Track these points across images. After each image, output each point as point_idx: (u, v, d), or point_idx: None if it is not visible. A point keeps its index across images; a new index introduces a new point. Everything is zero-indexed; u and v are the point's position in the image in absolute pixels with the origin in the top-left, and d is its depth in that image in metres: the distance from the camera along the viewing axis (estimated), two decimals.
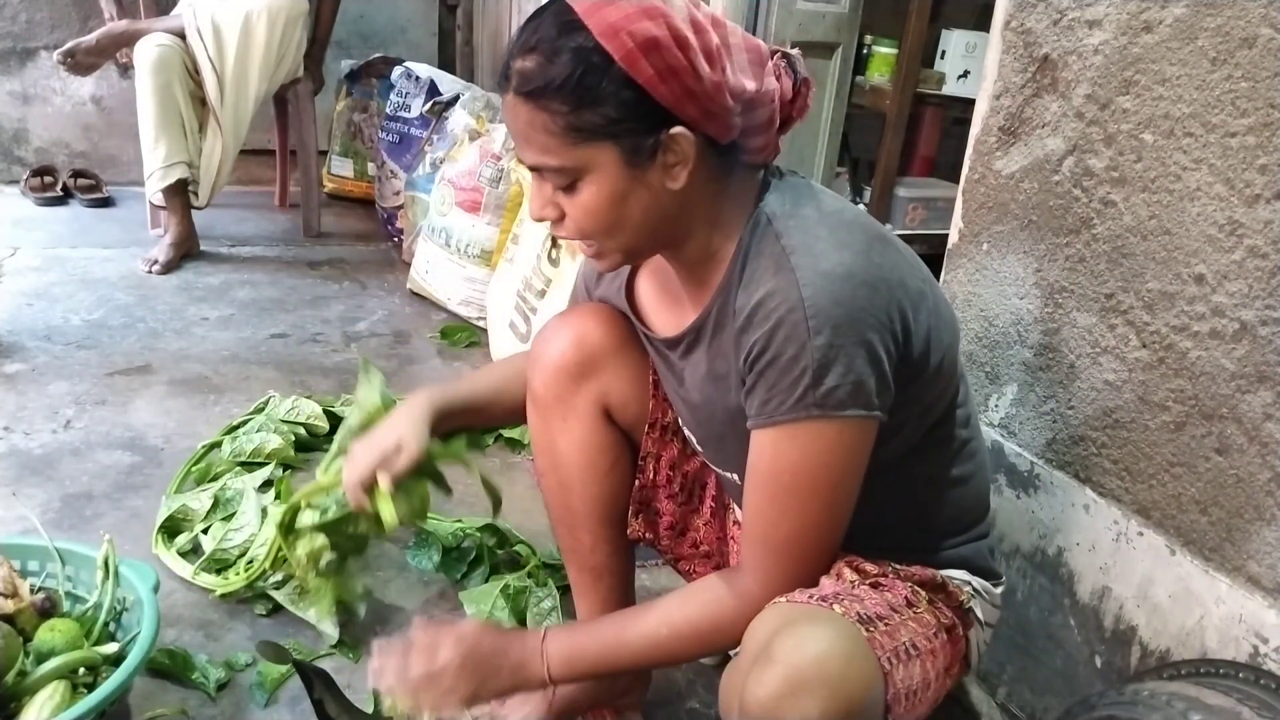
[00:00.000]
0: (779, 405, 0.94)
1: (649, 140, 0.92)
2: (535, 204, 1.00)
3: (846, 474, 0.97)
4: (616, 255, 1.03)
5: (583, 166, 0.94)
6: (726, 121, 0.94)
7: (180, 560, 1.60)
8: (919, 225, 3.21)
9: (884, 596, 1.00)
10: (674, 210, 0.98)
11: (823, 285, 0.91)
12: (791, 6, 2.56)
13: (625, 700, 1.36)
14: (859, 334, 0.90)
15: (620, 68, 0.89)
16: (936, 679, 1.00)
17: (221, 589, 1.53)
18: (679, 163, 0.94)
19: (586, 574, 1.28)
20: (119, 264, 3.05)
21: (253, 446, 1.90)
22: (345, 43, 4.18)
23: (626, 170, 0.93)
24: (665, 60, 0.89)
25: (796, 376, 0.92)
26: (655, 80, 0.89)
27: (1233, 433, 1.10)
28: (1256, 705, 0.92)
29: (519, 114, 0.94)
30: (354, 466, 1.21)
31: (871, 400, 0.93)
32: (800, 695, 0.85)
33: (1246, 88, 1.06)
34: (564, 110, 0.91)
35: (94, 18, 3.64)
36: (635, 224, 0.98)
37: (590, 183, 0.94)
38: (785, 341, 0.92)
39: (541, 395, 1.21)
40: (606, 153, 0.93)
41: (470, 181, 2.77)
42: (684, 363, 1.09)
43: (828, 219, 0.97)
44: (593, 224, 0.98)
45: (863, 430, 0.95)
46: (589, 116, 0.91)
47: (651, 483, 1.24)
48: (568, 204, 0.97)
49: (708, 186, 0.98)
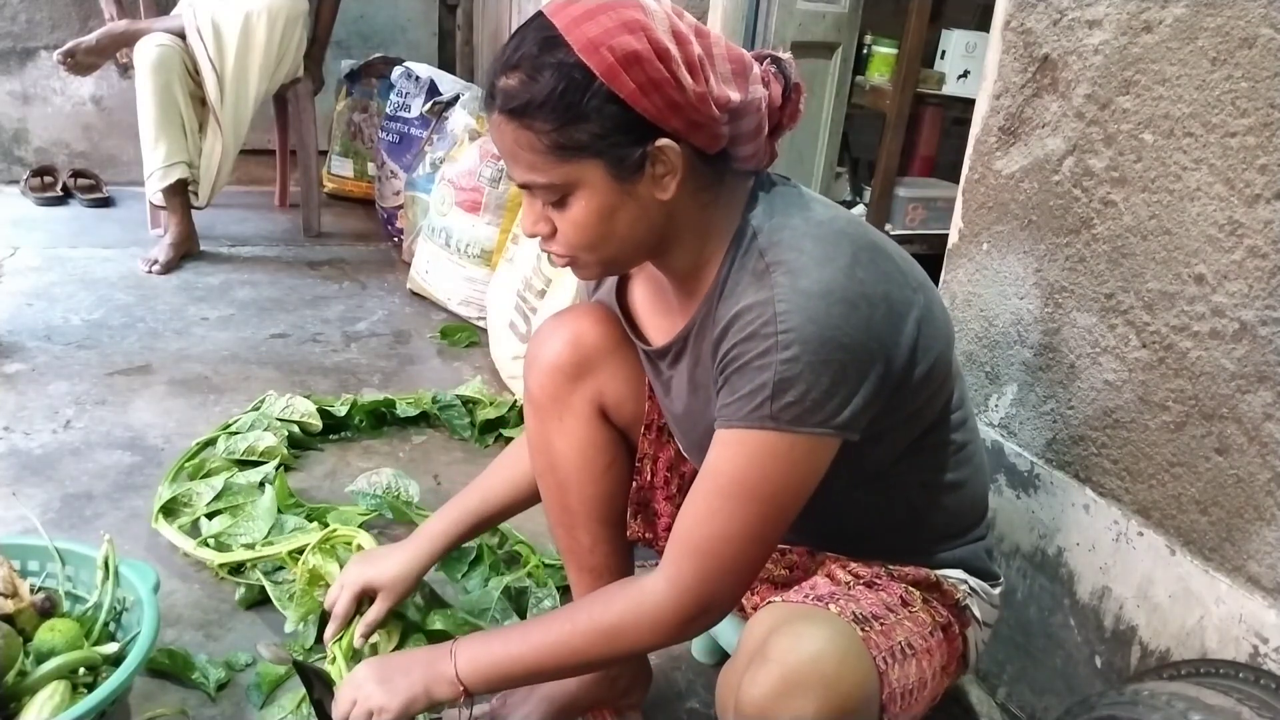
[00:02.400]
0: (735, 411, 0.94)
1: (636, 153, 0.92)
2: (527, 221, 1.00)
3: (786, 490, 0.95)
4: (596, 267, 1.03)
5: (571, 183, 0.93)
6: (713, 131, 0.94)
7: (181, 535, 1.64)
8: (919, 225, 3.21)
9: (879, 596, 1.00)
10: (661, 221, 0.98)
11: (798, 302, 0.90)
12: (791, 6, 2.55)
13: (625, 700, 1.36)
14: (828, 354, 0.90)
15: (602, 83, 0.89)
16: (933, 678, 1.00)
17: (220, 561, 1.57)
18: (667, 173, 0.94)
19: (586, 574, 1.27)
20: (119, 264, 3.06)
21: (247, 444, 1.90)
22: (345, 43, 4.18)
23: (615, 184, 0.93)
24: (647, 73, 0.89)
25: (757, 387, 0.91)
26: (638, 94, 0.89)
27: (1233, 433, 1.10)
28: (1256, 705, 0.92)
29: (505, 133, 0.94)
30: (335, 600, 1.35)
31: (830, 420, 0.91)
32: (795, 694, 0.85)
33: (1246, 88, 1.06)
34: (548, 128, 0.91)
35: (94, 18, 3.64)
36: (623, 237, 0.98)
37: (579, 198, 0.94)
38: (754, 353, 0.92)
39: (538, 395, 1.22)
40: (594, 168, 0.92)
41: (470, 181, 2.77)
42: (671, 371, 1.09)
43: (815, 230, 0.96)
44: (582, 238, 0.97)
45: (815, 448, 0.93)
46: (573, 133, 0.90)
47: (649, 483, 1.24)
48: (558, 219, 0.97)
49: (697, 196, 0.98)
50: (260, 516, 1.65)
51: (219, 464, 1.85)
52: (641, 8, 0.90)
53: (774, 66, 1.00)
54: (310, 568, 1.48)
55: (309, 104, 3.43)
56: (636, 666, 1.35)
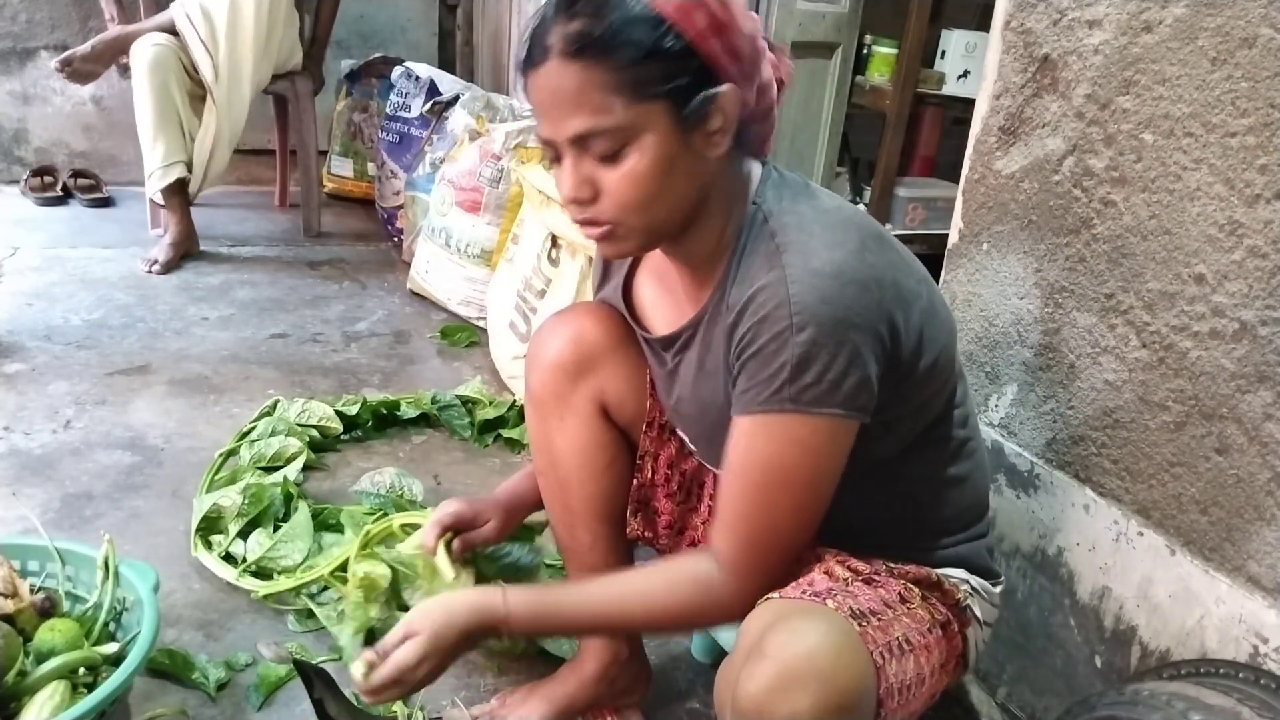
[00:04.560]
0: (755, 395, 0.94)
1: (699, 100, 0.92)
2: (570, 183, 0.96)
3: (818, 472, 0.97)
4: (639, 235, 0.99)
5: (638, 126, 0.91)
6: (759, 86, 0.96)
7: (221, 564, 1.60)
8: (919, 225, 3.21)
9: (877, 592, 1.00)
10: (707, 184, 0.98)
11: (811, 283, 0.91)
12: (791, 6, 2.56)
13: (625, 700, 1.36)
14: (843, 333, 0.90)
15: (670, 22, 0.89)
16: (931, 675, 1.00)
17: (265, 590, 1.54)
18: (721, 128, 0.94)
19: (586, 572, 1.27)
20: (119, 264, 3.05)
21: (272, 451, 1.89)
22: (345, 43, 4.18)
23: (677, 133, 0.92)
24: (713, 14, 0.90)
25: (776, 369, 0.92)
26: (706, 34, 0.90)
27: (1233, 433, 1.10)
28: (1256, 705, 0.92)
29: (566, 78, 0.91)
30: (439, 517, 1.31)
31: (850, 400, 0.92)
32: (792, 690, 0.85)
33: (1246, 88, 1.06)
34: (620, 65, 0.89)
35: (94, 17, 3.65)
36: (676, 195, 0.96)
37: (639, 148, 0.92)
38: (769, 335, 0.92)
39: (539, 393, 1.22)
40: (660, 113, 0.91)
41: (470, 181, 2.77)
42: (678, 359, 1.10)
43: (823, 217, 0.97)
44: (637, 194, 0.94)
45: (837, 430, 0.95)
46: (645, 71, 0.89)
47: (650, 481, 1.24)
48: (609, 177, 0.94)
49: (731, 164, 1.00)
50: (299, 536, 1.61)
51: (246, 472, 1.83)
52: None
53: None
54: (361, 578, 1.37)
55: (309, 104, 3.43)
56: (636, 666, 1.35)
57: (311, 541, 1.61)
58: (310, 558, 1.59)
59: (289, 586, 1.54)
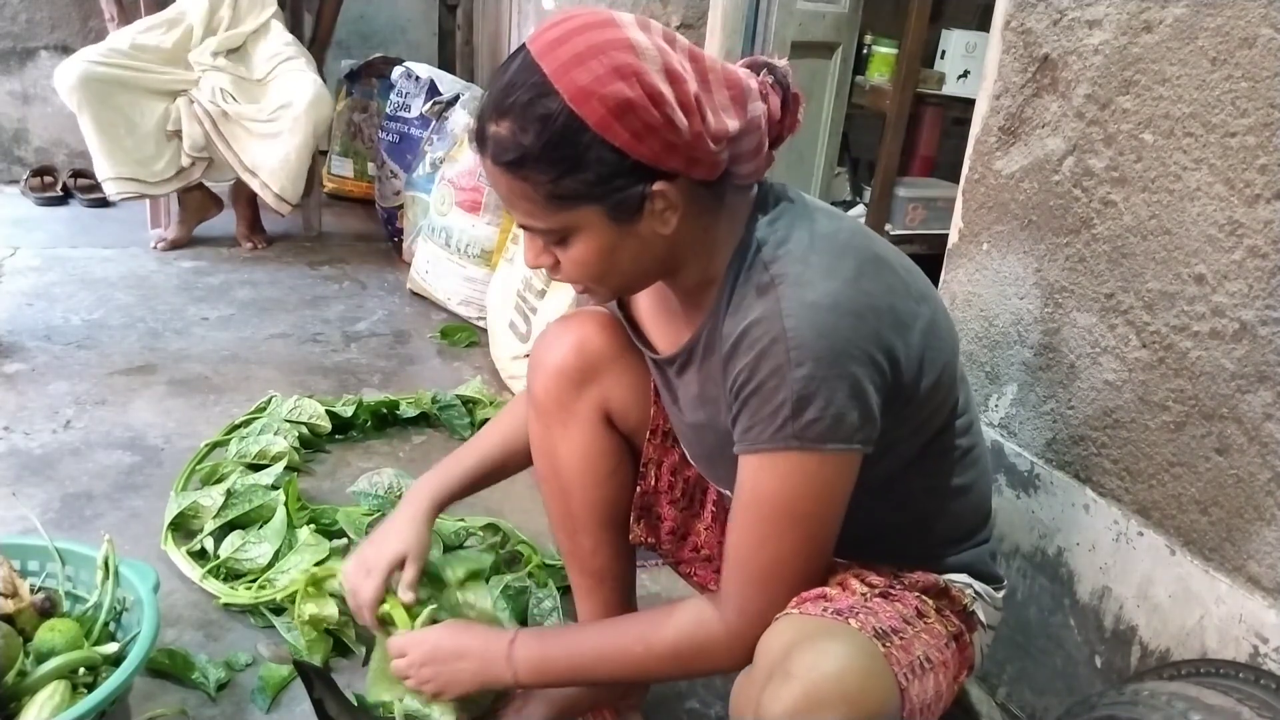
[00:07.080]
0: (759, 434, 0.93)
1: (635, 195, 0.91)
2: (529, 255, 1.00)
3: (825, 506, 0.96)
4: (607, 294, 1.03)
5: (570, 228, 0.93)
6: (712, 163, 0.93)
7: (189, 561, 1.60)
8: (919, 225, 3.20)
9: (896, 608, 0.99)
10: (665, 251, 0.98)
11: (807, 316, 0.90)
12: (791, 6, 2.55)
13: (625, 701, 1.35)
14: (842, 366, 0.89)
15: (594, 134, 0.87)
16: (946, 689, 1.00)
17: (227, 598, 1.53)
18: (668, 208, 0.93)
19: (588, 578, 1.27)
20: (119, 264, 3.06)
21: (258, 448, 1.89)
22: (345, 43, 4.18)
23: (614, 226, 0.92)
24: (642, 120, 0.87)
25: (777, 406, 0.91)
26: (633, 142, 0.87)
27: (1233, 433, 1.10)
28: (1256, 705, 0.92)
29: (499, 181, 0.93)
30: (362, 587, 1.24)
31: (852, 434, 0.92)
32: (819, 712, 0.84)
33: (1246, 88, 1.06)
34: (543, 180, 0.89)
35: (94, 17, 3.65)
36: (627, 270, 0.98)
37: (579, 239, 0.94)
38: (768, 372, 0.91)
39: (542, 400, 1.21)
40: (592, 213, 0.91)
41: (470, 181, 2.77)
42: (679, 380, 1.09)
43: (819, 243, 0.96)
44: (586, 274, 0.98)
45: (842, 464, 0.94)
46: (569, 183, 0.89)
47: (653, 489, 1.24)
48: (561, 256, 0.97)
49: (699, 220, 0.97)
50: (268, 539, 1.60)
51: (230, 467, 1.83)
52: (632, 48, 0.87)
53: (770, 76, 0.97)
54: (307, 618, 1.42)
55: None
56: None
57: (281, 542, 1.59)
58: (280, 559, 1.57)
59: (248, 601, 1.51)
